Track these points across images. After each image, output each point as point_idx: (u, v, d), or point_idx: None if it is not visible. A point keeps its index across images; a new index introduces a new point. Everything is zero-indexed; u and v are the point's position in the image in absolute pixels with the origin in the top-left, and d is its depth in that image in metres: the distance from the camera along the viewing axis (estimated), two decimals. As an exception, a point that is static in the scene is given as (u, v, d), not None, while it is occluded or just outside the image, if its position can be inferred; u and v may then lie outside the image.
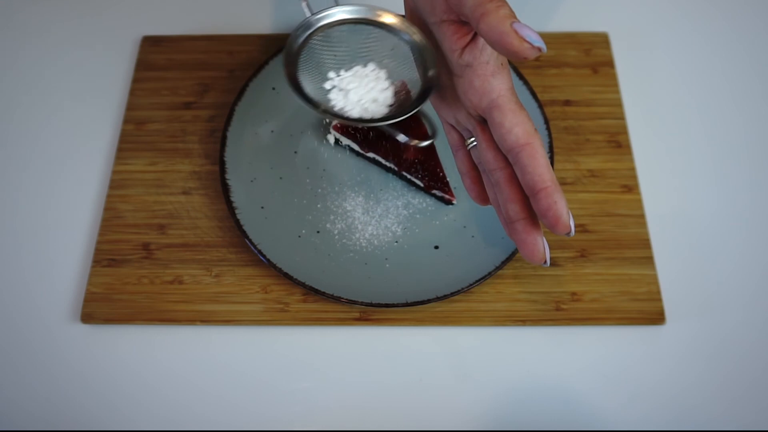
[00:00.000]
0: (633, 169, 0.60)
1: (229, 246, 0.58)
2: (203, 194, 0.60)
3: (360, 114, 0.47)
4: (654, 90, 0.65)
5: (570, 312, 0.55)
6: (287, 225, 0.58)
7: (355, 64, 0.48)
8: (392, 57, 0.48)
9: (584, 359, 0.54)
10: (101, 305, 0.55)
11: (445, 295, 0.53)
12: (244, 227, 0.56)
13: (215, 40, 0.68)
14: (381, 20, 0.48)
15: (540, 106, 0.60)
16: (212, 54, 0.67)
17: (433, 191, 0.59)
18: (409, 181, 0.60)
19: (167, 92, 0.65)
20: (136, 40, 0.68)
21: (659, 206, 0.59)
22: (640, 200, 0.59)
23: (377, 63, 0.48)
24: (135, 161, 0.62)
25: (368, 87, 0.48)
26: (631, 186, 0.60)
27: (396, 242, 0.57)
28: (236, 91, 0.64)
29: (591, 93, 0.64)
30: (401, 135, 0.50)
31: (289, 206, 0.59)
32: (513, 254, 0.55)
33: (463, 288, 0.54)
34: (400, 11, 0.48)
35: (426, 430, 0.52)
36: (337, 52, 0.48)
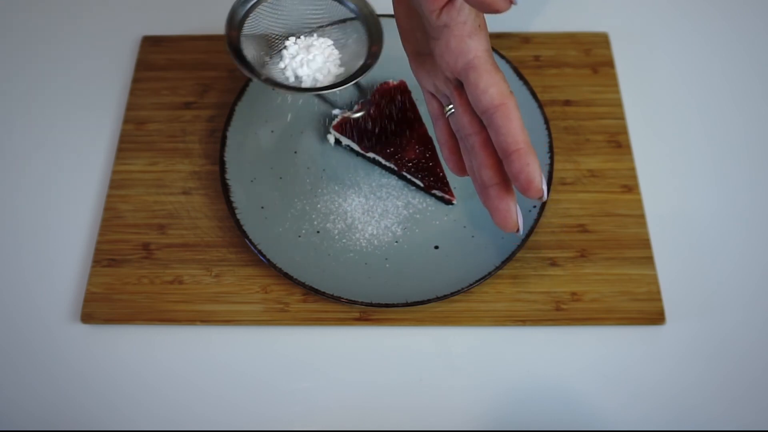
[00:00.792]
0: (633, 169, 0.60)
1: (229, 246, 0.58)
2: (203, 194, 0.60)
3: (304, 84, 0.47)
4: (654, 90, 0.65)
5: (570, 312, 0.55)
6: (287, 225, 0.58)
7: (303, 34, 0.48)
8: (340, 28, 0.48)
9: (584, 359, 0.54)
10: (101, 305, 0.55)
11: (445, 295, 0.53)
12: (244, 227, 0.56)
13: (215, 40, 0.68)
14: None
15: (540, 106, 0.60)
16: (212, 54, 0.67)
17: (433, 191, 0.59)
18: (409, 181, 0.60)
19: (167, 92, 0.65)
20: (136, 40, 0.68)
21: (659, 206, 0.59)
22: (640, 200, 0.59)
23: (324, 33, 0.48)
24: (135, 161, 0.62)
25: (313, 56, 0.47)
26: (631, 186, 0.60)
27: (396, 242, 0.57)
28: (236, 91, 0.64)
29: (591, 93, 0.64)
30: (337, 109, 0.53)
31: (289, 206, 0.59)
32: (513, 254, 0.55)
33: (463, 288, 0.54)
34: None
35: (426, 430, 0.52)
36: (286, 21, 0.48)
